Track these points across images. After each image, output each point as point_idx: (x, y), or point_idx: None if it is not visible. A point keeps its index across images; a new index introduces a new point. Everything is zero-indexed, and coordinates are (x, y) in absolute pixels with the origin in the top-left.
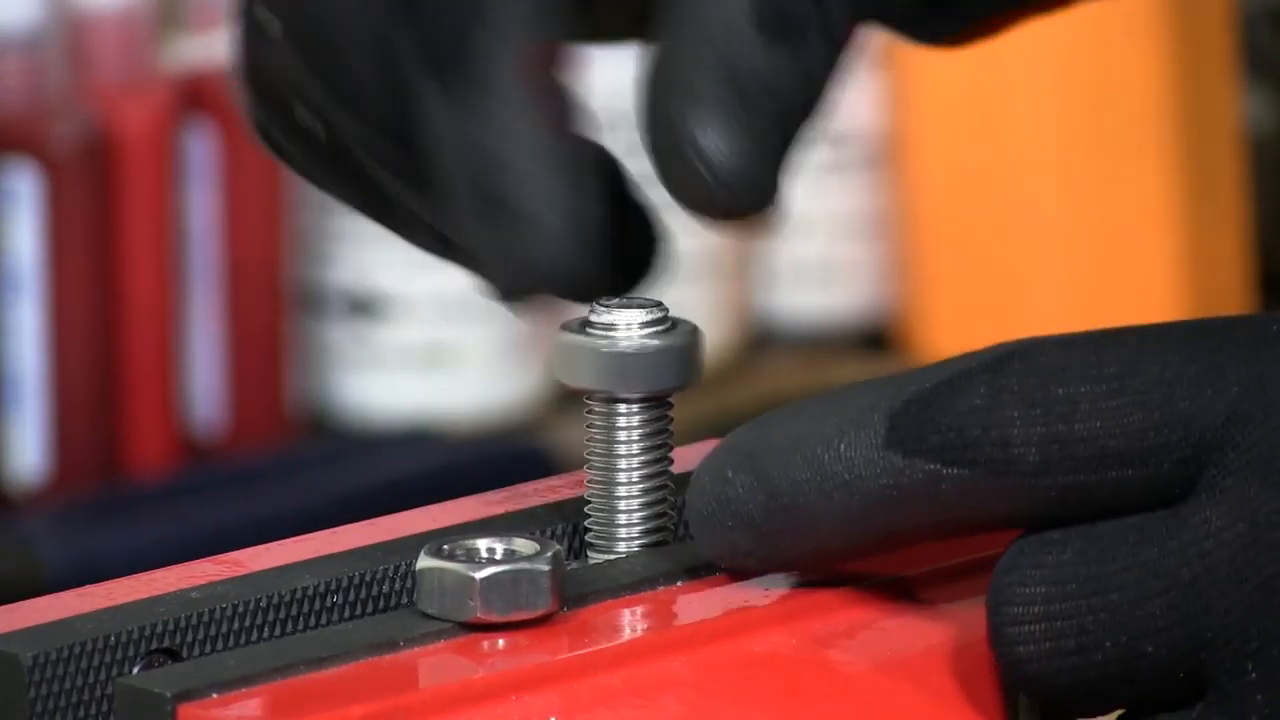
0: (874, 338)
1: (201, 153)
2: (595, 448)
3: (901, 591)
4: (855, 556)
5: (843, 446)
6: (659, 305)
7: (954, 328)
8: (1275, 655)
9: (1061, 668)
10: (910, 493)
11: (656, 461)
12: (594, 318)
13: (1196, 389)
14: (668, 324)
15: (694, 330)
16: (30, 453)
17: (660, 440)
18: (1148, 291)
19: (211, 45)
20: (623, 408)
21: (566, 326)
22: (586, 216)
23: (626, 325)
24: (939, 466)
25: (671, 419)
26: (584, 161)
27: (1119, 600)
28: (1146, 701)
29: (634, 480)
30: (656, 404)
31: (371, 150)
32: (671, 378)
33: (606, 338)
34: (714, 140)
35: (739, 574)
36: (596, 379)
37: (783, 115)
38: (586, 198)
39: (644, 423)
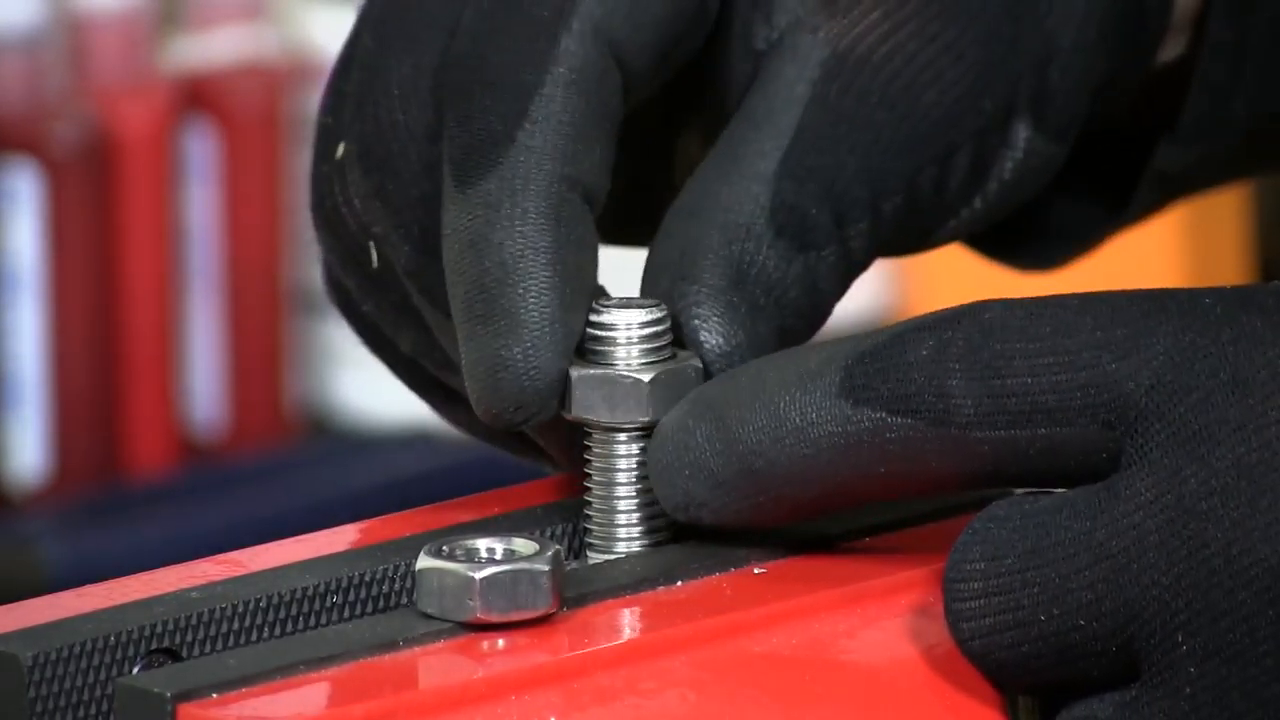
0: None
1: (201, 153)
2: (595, 448)
3: (902, 592)
4: (808, 512)
5: (799, 395)
6: (658, 306)
7: None
8: (1206, 626)
9: (1000, 644)
10: (858, 442)
11: None
12: (593, 318)
13: (1124, 352)
14: (665, 328)
15: (692, 357)
16: (30, 453)
17: None
18: None
19: (211, 45)
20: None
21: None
22: (571, 337)
23: (626, 340)
24: (884, 415)
25: None
26: (583, 285)
27: (1051, 574)
28: (1084, 682)
29: (634, 481)
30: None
31: (411, 271)
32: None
33: (606, 365)
34: (709, 329)
35: (703, 529)
36: (609, 411)
37: (782, 318)
38: (577, 318)
39: (646, 436)
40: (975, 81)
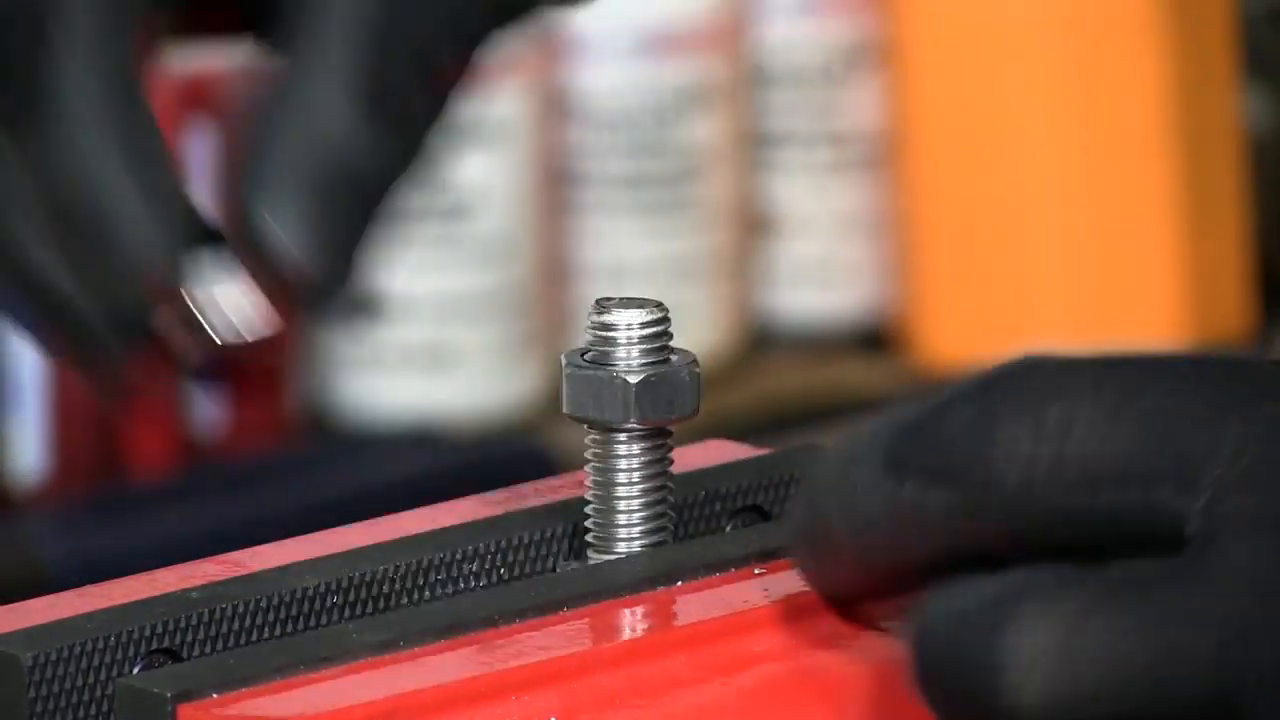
0: (874, 338)
1: (201, 153)
2: (595, 449)
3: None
4: (875, 592)
5: (852, 470)
6: (659, 305)
7: (954, 328)
8: None
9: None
10: (903, 518)
11: (657, 463)
12: (593, 318)
13: (1200, 421)
14: (666, 330)
15: (694, 361)
16: (30, 453)
17: (660, 442)
18: (1148, 291)
19: (211, 45)
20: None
21: (569, 358)
22: (175, 218)
23: (627, 340)
24: (925, 488)
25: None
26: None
27: (1142, 646)
28: None
29: (634, 481)
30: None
31: None
32: (673, 410)
33: (606, 367)
34: (287, 232)
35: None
36: (598, 411)
37: (370, 196)
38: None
39: (645, 436)
40: None
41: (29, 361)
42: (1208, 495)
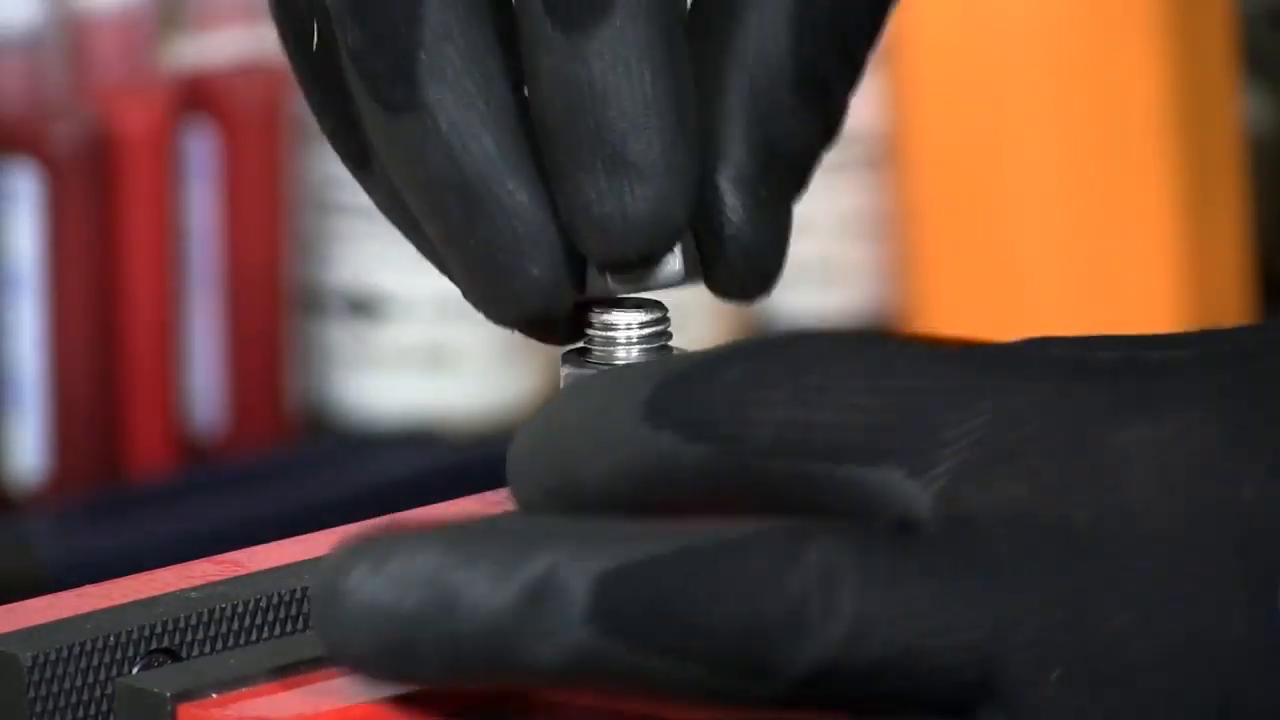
0: None
1: (201, 153)
2: None
3: None
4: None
5: (609, 415)
6: (659, 305)
7: (954, 328)
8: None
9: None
10: (656, 467)
11: None
12: (594, 317)
13: (951, 403)
14: (666, 330)
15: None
16: (30, 453)
17: None
18: (1147, 291)
19: (211, 45)
20: None
21: (567, 359)
22: (689, 177)
23: (626, 340)
24: (680, 441)
25: None
26: (688, 116)
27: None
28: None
29: None
30: None
31: (359, 52)
32: None
33: (604, 365)
34: (739, 216)
35: None
36: None
37: (797, 172)
38: (688, 156)
39: None
40: None
41: (29, 361)
42: (942, 481)
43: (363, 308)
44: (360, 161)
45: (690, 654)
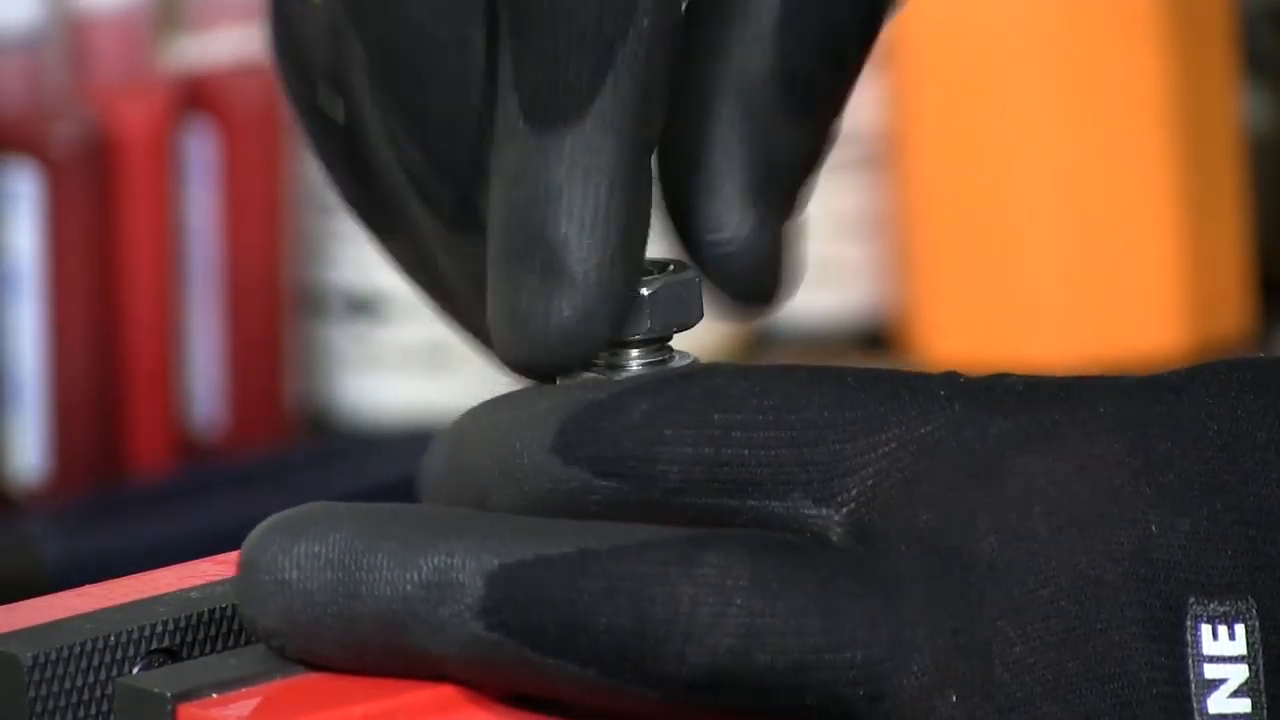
0: (874, 338)
1: (201, 153)
2: None
3: None
4: None
5: (518, 445)
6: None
7: (953, 328)
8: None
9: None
10: (566, 500)
11: None
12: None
13: (853, 435)
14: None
15: (694, 361)
16: (30, 453)
17: None
18: (1147, 291)
19: (211, 45)
20: None
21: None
22: (625, 306)
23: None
24: (590, 477)
25: None
26: (640, 255)
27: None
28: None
29: None
30: None
31: (411, 161)
32: None
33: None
34: (735, 236)
35: None
36: None
37: (794, 185)
38: (624, 276)
39: None
40: None
41: (29, 361)
42: (849, 507)
43: (363, 308)
44: (385, 233)
45: (578, 654)
